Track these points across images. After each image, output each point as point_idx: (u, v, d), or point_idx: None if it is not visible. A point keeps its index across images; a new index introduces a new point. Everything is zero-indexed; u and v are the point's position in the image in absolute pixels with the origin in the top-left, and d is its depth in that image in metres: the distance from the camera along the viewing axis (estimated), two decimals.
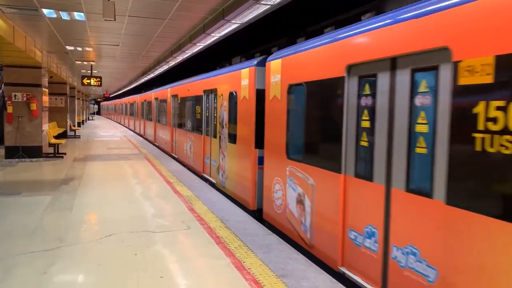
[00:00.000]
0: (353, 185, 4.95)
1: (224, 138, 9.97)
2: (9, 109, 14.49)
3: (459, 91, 3.39)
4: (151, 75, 23.70)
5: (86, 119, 49.98)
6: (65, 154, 16.23)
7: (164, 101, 18.50)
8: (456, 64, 3.41)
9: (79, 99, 37.19)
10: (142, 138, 26.31)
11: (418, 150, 3.97)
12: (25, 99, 14.65)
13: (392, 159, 4.29)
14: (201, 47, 12.39)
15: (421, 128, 3.91)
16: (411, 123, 4.05)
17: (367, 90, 4.74)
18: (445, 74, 3.61)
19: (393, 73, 4.32)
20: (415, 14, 3.97)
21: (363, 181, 4.76)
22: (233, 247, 5.85)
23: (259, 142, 8.04)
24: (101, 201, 8.56)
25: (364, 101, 4.79)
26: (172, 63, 16.81)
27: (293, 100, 6.58)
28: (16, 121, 14.59)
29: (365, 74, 4.76)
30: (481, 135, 3.18)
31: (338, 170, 5.15)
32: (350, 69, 5.04)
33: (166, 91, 18.00)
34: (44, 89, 15.50)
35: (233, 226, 6.91)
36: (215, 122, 10.80)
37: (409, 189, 4.04)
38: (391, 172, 4.30)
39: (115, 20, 8.44)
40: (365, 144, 4.76)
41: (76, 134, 26.51)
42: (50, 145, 16.22)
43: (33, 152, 14.82)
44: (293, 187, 6.45)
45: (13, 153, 14.57)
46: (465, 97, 3.34)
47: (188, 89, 13.95)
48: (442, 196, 3.56)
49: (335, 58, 5.31)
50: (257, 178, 8.23)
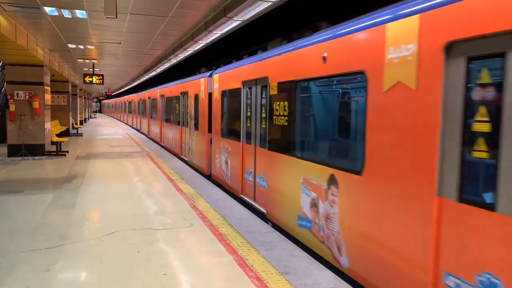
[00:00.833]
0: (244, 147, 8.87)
1: (192, 127, 13.91)
2: (12, 107, 14.51)
3: None
4: (153, 73, 23.70)
5: (88, 117, 50.06)
6: (67, 152, 16.26)
7: (155, 100, 22.92)
8: None
9: (81, 97, 37.24)
10: (144, 136, 26.35)
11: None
12: (27, 97, 14.67)
13: None
14: (202, 44, 12.38)
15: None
16: None
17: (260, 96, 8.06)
18: None
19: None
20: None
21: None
22: (235, 244, 5.85)
23: (211, 129, 11.58)
24: (103, 198, 8.57)
25: (263, 101, 7.90)
26: (174, 61, 16.79)
27: (224, 100, 10.36)
28: (18, 119, 14.61)
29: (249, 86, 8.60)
30: None
31: (239, 140, 9.12)
32: (244, 84, 8.88)
33: (156, 91, 22.57)
34: (46, 87, 15.51)
35: (236, 223, 6.91)
36: (187, 116, 14.54)
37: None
38: None
39: (116, 17, 8.43)
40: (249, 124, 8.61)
41: (79, 132, 26.56)
42: (53, 143, 16.25)
43: (36, 150, 14.85)
44: (223, 154, 10.39)
45: (15, 151, 14.61)
46: None
47: (171, 91, 17.93)
48: None
49: (237, 77, 9.25)
50: (209, 152, 11.89)
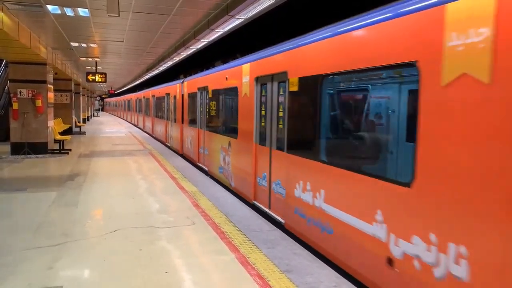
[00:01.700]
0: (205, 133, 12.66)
1: (172, 120, 18.69)
2: (15, 106, 14.55)
3: None
4: (156, 71, 23.72)
5: (91, 115, 50.15)
6: (70, 150, 16.30)
7: (147, 99, 27.77)
8: None
9: (84, 95, 37.29)
10: (146, 134, 26.41)
11: None
12: (30, 95, 14.71)
13: None
14: (205, 43, 12.37)
15: None
16: None
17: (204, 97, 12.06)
18: None
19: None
20: None
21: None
22: (237, 242, 5.85)
23: (183, 120, 16.30)
24: (106, 196, 8.59)
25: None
26: (176, 59, 16.80)
27: (189, 100, 15.12)
28: (21, 117, 14.65)
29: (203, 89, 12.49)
30: None
31: (196, 126, 13.50)
32: (199, 89, 12.76)
33: (149, 92, 27.19)
34: (49, 85, 15.55)
35: (238, 221, 6.91)
36: (170, 113, 19.33)
37: None
38: None
39: (119, 16, 8.44)
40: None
41: (81, 131, 26.61)
42: (56, 141, 16.29)
43: (39, 148, 14.89)
44: (189, 137, 15.03)
45: (18, 149, 14.65)
46: None
47: (159, 92, 22.78)
48: None
49: (195, 85, 13.52)
50: (183, 138, 16.43)
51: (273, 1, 7.70)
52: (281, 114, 7.05)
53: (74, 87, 26.40)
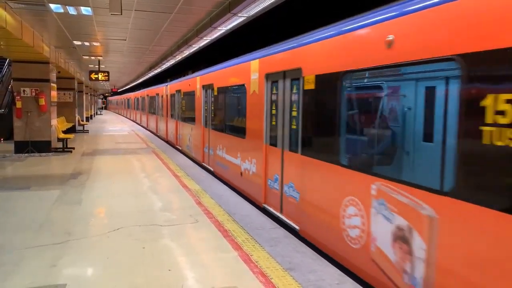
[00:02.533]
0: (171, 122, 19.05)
1: (164, 116, 21.67)
2: (18, 104, 14.61)
3: None
4: (158, 70, 23.74)
5: (94, 113, 50.26)
6: (73, 148, 16.35)
7: (143, 98, 32.42)
8: None
9: (87, 94, 37.36)
10: (149, 132, 26.45)
11: None
12: (33, 94, 14.75)
13: None
14: (207, 41, 12.36)
15: None
16: None
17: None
18: None
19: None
20: None
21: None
22: (240, 240, 5.86)
23: (168, 115, 20.51)
24: (109, 195, 8.61)
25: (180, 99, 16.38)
26: (179, 57, 16.80)
27: (172, 99, 19.16)
28: (25, 116, 14.70)
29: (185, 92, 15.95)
30: None
31: (175, 118, 18.59)
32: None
33: (144, 92, 31.47)
34: (52, 84, 15.59)
35: (241, 219, 6.92)
36: (162, 110, 22.52)
37: None
38: None
39: (121, 14, 8.43)
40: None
41: (85, 129, 26.67)
42: (59, 139, 16.33)
43: (42, 147, 14.94)
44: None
45: (22, 147, 14.71)
46: None
47: (152, 92, 26.94)
48: None
49: (176, 87, 17.87)
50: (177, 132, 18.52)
51: None
52: (295, 113, 6.63)
53: (77, 86, 26.47)
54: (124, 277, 4.61)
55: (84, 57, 18.90)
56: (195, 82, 14.02)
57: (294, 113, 6.68)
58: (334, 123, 5.35)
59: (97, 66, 21.25)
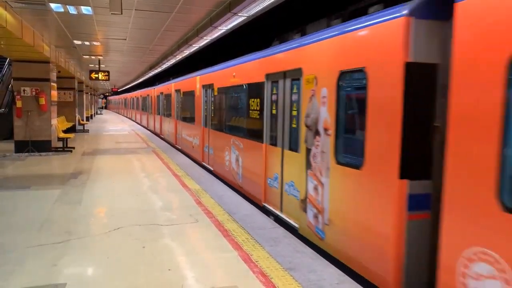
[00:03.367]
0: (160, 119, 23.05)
1: (153, 114, 25.85)
2: (18, 104, 14.61)
3: None
4: (159, 69, 23.74)
5: (94, 113, 50.27)
6: (73, 148, 16.35)
7: (136, 98, 37.26)
8: None
9: (88, 93, 37.37)
10: (150, 132, 26.46)
11: None
12: (34, 93, 14.75)
13: None
14: (207, 40, 12.36)
15: None
16: None
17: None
18: None
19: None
20: None
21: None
22: (240, 240, 5.86)
23: (158, 112, 24.20)
24: (109, 194, 8.62)
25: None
26: (179, 57, 16.80)
27: (160, 98, 23.47)
28: (25, 115, 14.71)
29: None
30: None
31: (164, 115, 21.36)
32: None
33: (138, 93, 36.09)
34: (52, 83, 15.59)
35: (241, 219, 6.92)
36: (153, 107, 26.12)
37: None
38: None
39: (121, 13, 8.43)
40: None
41: (85, 129, 26.68)
42: (59, 139, 16.34)
43: (42, 146, 14.94)
44: (167, 125, 20.98)
45: (22, 147, 14.71)
46: None
47: (149, 93, 28.27)
48: None
49: (170, 87, 20.14)
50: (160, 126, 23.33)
51: None
52: (295, 113, 6.64)
53: (78, 85, 26.47)
54: (124, 276, 4.62)
55: (84, 56, 18.90)
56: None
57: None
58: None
59: (97, 66, 21.25)
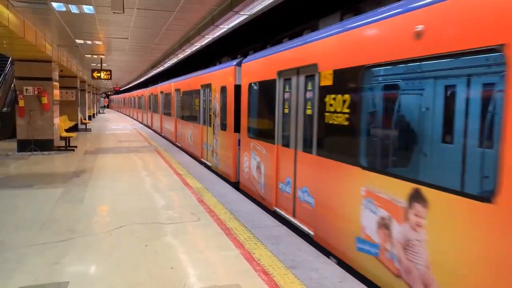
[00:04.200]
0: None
1: (148, 111, 30.55)
2: (21, 103, 14.64)
3: None
4: (161, 68, 23.75)
5: (96, 112, 50.35)
6: (76, 147, 16.39)
7: (138, 97, 38.18)
8: None
9: (90, 92, 37.43)
10: (151, 131, 26.50)
11: None
12: (36, 92, 14.79)
13: None
14: (209, 39, 12.35)
15: None
16: None
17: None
18: None
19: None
20: None
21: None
22: (242, 238, 5.86)
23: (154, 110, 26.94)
24: (111, 193, 8.63)
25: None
26: (181, 56, 16.80)
27: (150, 98, 29.05)
28: (27, 114, 14.74)
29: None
30: None
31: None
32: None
33: (139, 93, 36.87)
34: (55, 82, 15.62)
35: (243, 217, 6.92)
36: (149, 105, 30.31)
37: None
38: None
39: (123, 12, 8.45)
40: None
41: (87, 128, 26.72)
42: (61, 138, 16.37)
43: (45, 145, 14.98)
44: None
45: (25, 146, 14.75)
46: None
47: (149, 92, 30.14)
48: None
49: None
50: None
51: None
52: (309, 112, 6.24)
53: (80, 84, 26.51)
54: (127, 274, 4.63)
55: (86, 55, 18.93)
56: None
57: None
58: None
59: (99, 65, 21.27)
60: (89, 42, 14.93)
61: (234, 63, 10.10)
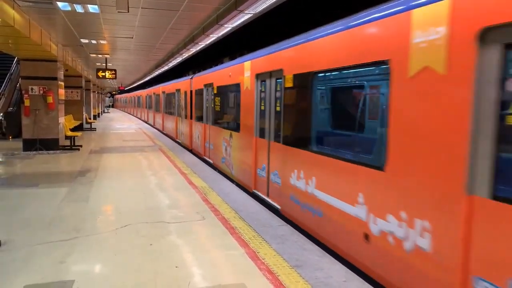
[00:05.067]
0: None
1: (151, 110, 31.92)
2: (26, 102, 14.71)
3: None
4: (165, 68, 23.79)
5: (101, 111, 50.52)
6: (81, 146, 16.45)
7: (142, 96, 39.42)
8: None
9: (95, 92, 37.55)
10: (156, 130, 26.55)
11: None
12: (41, 92, 14.85)
13: None
14: (214, 38, 12.36)
15: None
16: None
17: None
18: None
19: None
20: None
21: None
22: (247, 237, 5.86)
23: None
24: (116, 192, 8.65)
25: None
26: (185, 55, 16.82)
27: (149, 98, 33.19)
28: (33, 114, 14.81)
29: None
30: None
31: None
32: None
33: (144, 92, 38.12)
34: (60, 82, 15.68)
35: (247, 216, 6.92)
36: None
37: None
38: None
39: (128, 12, 8.46)
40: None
41: (92, 127, 26.82)
42: (67, 137, 16.45)
43: (50, 145, 15.05)
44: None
45: (30, 145, 14.83)
46: None
47: (153, 90, 30.88)
48: None
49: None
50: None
51: None
52: (278, 108, 7.61)
53: (85, 84, 26.60)
54: (132, 273, 4.63)
55: (91, 55, 18.99)
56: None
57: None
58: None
59: (104, 64, 21.34)
60: (94, 41, 14.97)
61: (190, 77, 16.53)
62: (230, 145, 10.69)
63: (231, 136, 10.59)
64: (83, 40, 14.73)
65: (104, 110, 58.66)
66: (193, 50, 15.16)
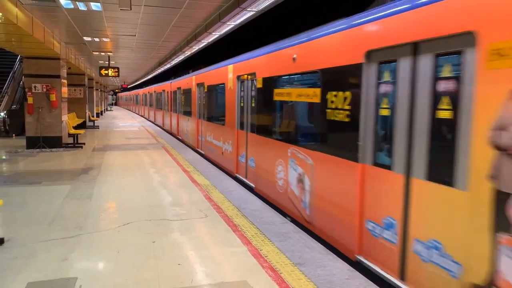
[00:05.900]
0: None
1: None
2: (30, 100, 14.75)
3: None
4: (168, 66, 23.79)
5: (104, 109, 50.61)
6: (84, 144, 16.48)
7: (144, 94, 40.83)
8: None
9: (98, 90, 37.62)
10: (159, 128, 26.58)
11: None
12: (44, 90, 14.88)
13: None
14: (216, 36, 12.33)
15: None
16: None
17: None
18: None
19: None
20: None
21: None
22: (249, 235, 5.86)
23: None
24: (119, 190, 8.67)
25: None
26: (188, 52, 16.80)
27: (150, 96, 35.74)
28: (36, 112, 14.85)
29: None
30: None
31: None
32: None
33: (146, 90, 39.30)
34: (63, 80, 15.71)
35: (250, 214, 6.92)
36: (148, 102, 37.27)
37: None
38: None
39: (131, 9, 8.46)
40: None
41: (95, 125, 26.87)
42: (70, 135, 16.48)
43: (53, 142, 15.09)
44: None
45: (34, 143, 14.87)
46: None
47: (155, 89, 32.56)
48: None
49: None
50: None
51: None
52: (253, 105, 9.20)
53: (88, 82, 26.64)
54: (134, 271, 4.64)
55: (94, 53, 18.99)
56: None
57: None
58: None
59: (107, 62, 21.35)
60: (96, 39, 14.98)
61: (171, 81, 21.63)
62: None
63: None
64: (86, 38, 14.74)
65: (107, 108, 58.77)
66: (196, 47, 15.13)
